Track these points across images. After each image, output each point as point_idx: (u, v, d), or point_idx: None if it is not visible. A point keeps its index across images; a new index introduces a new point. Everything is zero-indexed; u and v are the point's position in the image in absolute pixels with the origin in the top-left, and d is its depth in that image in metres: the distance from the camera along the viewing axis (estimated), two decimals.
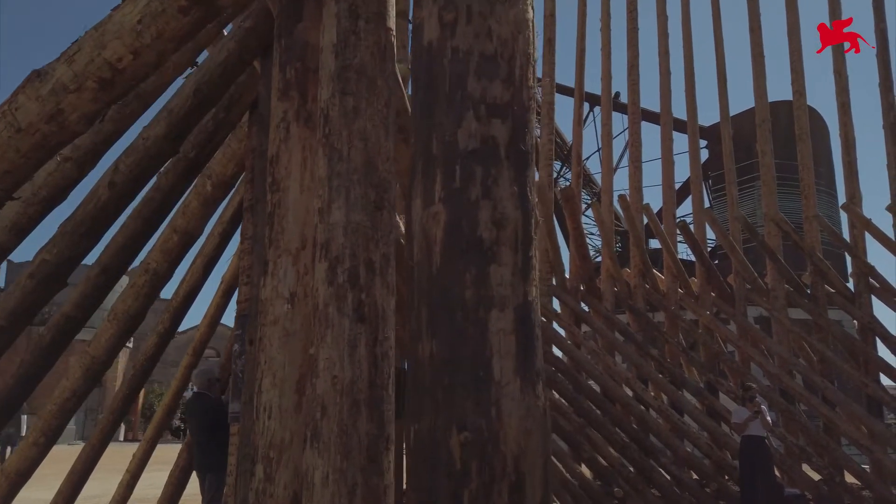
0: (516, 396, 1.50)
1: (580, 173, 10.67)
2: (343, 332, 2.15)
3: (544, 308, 9.46)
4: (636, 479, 7.71)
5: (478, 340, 1.51)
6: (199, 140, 4.12)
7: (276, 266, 2.74)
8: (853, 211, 10.18)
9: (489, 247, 1.58)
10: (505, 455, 1.48)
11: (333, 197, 2.32)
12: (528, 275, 1.60)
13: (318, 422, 2.18)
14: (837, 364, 9.70)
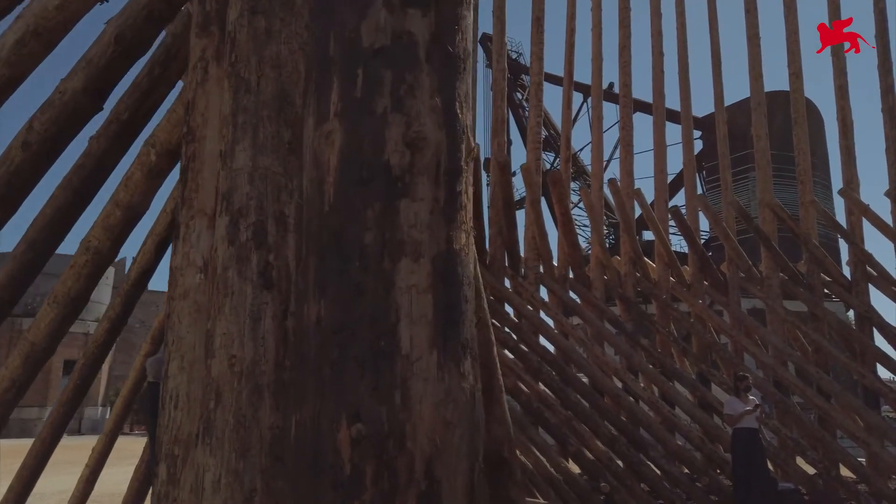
0: (431, 375, 1.08)
1: (569, 157, 10.22)
2: (244, 301, 1.69)
3: (532, 297, 9.03)
4: (624, 474, 7.30)
5: (380, 300, 1.09)
6: (132, 99, 3.65)
7: (189, 230, 2.28)
8: (851, 196, 9.77)
9: (400, 175, 1.15)
10: (413, 455, 1.05)
11: (238, 137, 1.87)
12: (455, 216, 1.18)
13: (212, 412, 1.73)
14: (833, 354, 9.31)
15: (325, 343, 1.13)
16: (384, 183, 1.17)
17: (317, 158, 1.21)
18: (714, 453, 8.05)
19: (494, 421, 3.38)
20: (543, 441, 7.01)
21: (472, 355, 1.17)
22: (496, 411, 3.34)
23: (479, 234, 8.92)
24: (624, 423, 8.04)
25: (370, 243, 1.14)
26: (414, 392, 1.11)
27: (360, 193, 1.17)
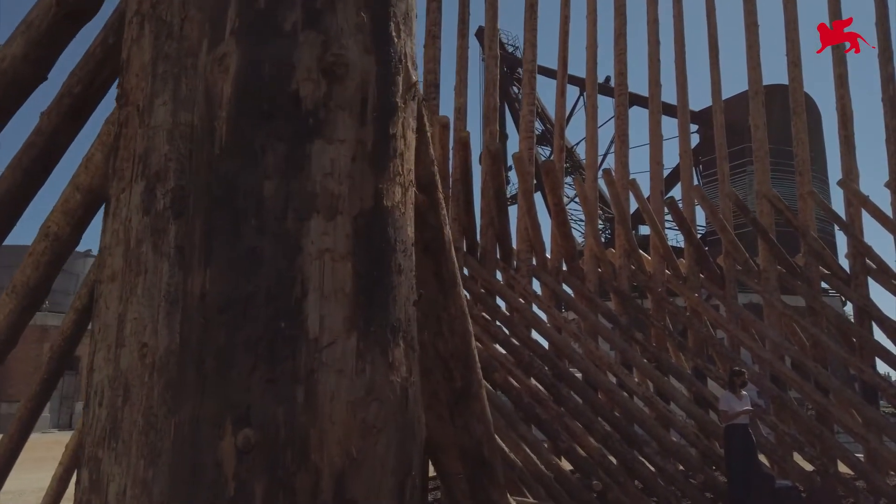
0: (347, 366, 0.82)
1: (563, 147, 9.93)
2: (159, 280, 1.41)
3: (524, 290, 8.77)
4: (618, 471, 7.05)
5: (281, 269, 0.83)
6: (85, 71, 3.35)
7: (119, 203, 1.99)
8: (850, 187, 9.51)
9: (312, 110, 0.88)
10: (319, 470, 0.79)
11: (157, 89, 1.58)
12: (386, 164, 0.92)
13: (119, 411, 1.44)
14: (832, 348, 9.07)
15: (210, 324, 0.87)
16: (291, 119, 0.90)
17: (208, 91, 0.95)
18: (710, 450, 7.81)
19: (474, 418, 3.11)
20: (534, 438, 6.75)
21: (406, 341, 0.91)
22: (475, 408, 3.07)
23: (470, 226, 8.63)
24: (618, 419, 7.79)
25: (270, 196, 0.87)
26: (323, 387, 0.84)
27: (259, 132, 0.89)
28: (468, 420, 3.09)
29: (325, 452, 0.82)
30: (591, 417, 7.52)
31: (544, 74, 21.06)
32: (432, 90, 8.41)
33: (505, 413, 6.63)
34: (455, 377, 2.92)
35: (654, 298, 9.56)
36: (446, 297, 2.72)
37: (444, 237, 2.60)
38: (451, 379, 2.94)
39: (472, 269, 8.60)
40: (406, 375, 0.91)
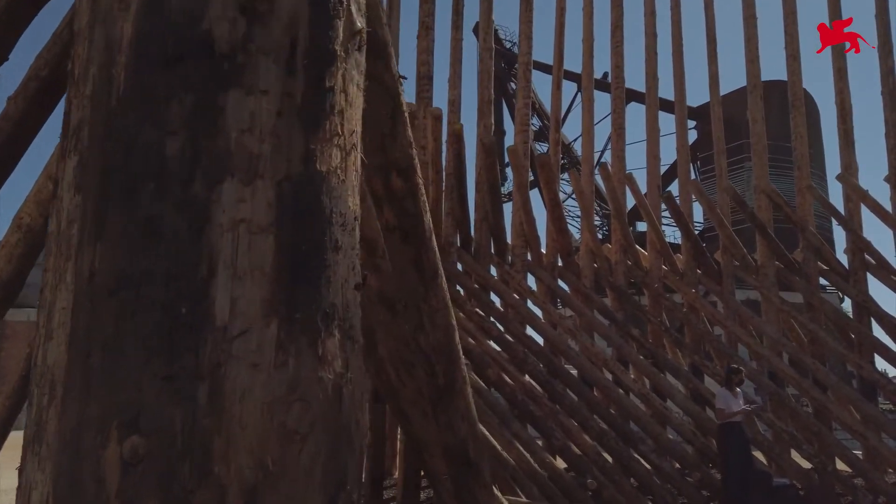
0: (264, 359, 0.67)
1: (558, 141, 9.77)
2: None
3: (519, 286, 8.62)
4: (613, 469, 6.91)
5: (184, 242, 0.68)
6: (52, 54, 3.19)
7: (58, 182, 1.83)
8: (849, 181, 9.35)
9: (228, 54, 0.73)
10: (223, 487, 0.64)
11: (92, 55, 1.42)
12: (320, 122, 0.77)
13: (44, 411, 1.28)
14: (830, 345, 8.94)
15: (97, 310, 0.71)
16: (202, 65, 0.74)
17: (108, 34, 0.80)
18: (707, 447, 7.67)
19: (458, 416, 2.96)
20: (528, 436, 6.61)
21: (343, 330, 0.76)
22: (459, 405, 2.92)
23: (464, 220, 8.48)
24: (613, 417, 7.65)
25: (174, 155, 0.72)
26: (231, 385, 0.68)
27: (162, 80, 0.74)
28: (452, 418, 2.94)
29: (233, 464, 0.67)
30: (587, 415, 7.38)
31: (541, 70, 20.89)
32: (425, 82, 8.24)
33: (498, 410, 6.49)
34: (438, 373, 2.77)
35: (650, 294, 9.42)
36: (427, 288, 2.56)
37: (424, 225, 2.44)
38: (433, 375, 2.78)
39: (466, 264, 8.45)
40: (341, 371, 0.76)
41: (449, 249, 8.32)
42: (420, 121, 7.90)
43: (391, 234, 2.43)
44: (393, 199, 2.31)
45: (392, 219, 2.38)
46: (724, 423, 6.31)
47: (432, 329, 2.63)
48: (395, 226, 2.40)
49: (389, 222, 2.39)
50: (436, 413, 2.87)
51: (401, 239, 2.42)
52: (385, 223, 2.40)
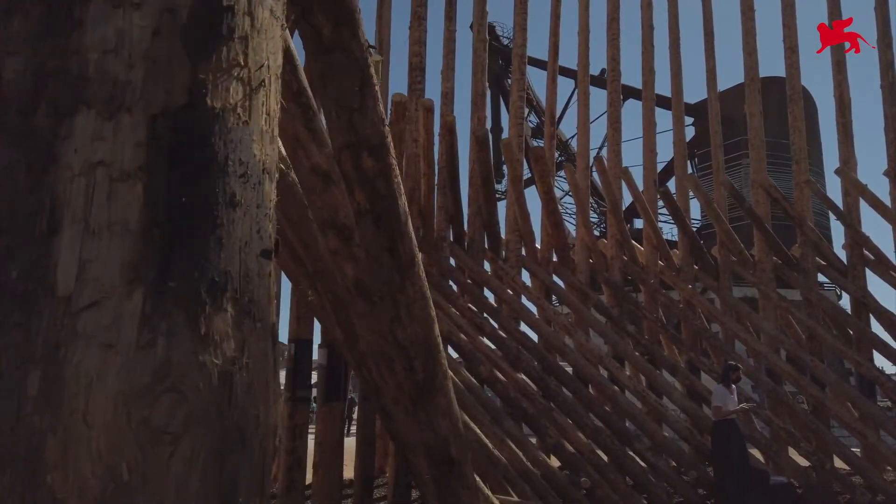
0: (123, 338, 0.51)
1: (553, 134, 9.60)
2: None
3: (513, 282, 8.46)
4: (607, 468, 6.76)
5: (20, 187, 0.52)
6: None
7: None
8: (848, 176, 9.19)
9: None
10: (61, 500, 0.49)
11: None
12: (212, 46, 0.60)
13: None
14: (828, 341, 8.78)
15: None
16: None
17: None
18: (703, 445, 7.51)
19: (438, 414, 2.80)
20: (521, 434, 6.45)
21: (240, 306, 0.60)
22: (440, 402, 2.75)
23: (457, 214, 8.31)
24: (608, 414, 7.50)
25: (14, 78, 0.56)
26: (74, 371, 0.52)
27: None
28: (432, 416, 2.77)
29: (73, 472, 0.50)
30: (581, 412, 7.22)
31: (537, 66, 20.69)
32: (417, 74, 8.06)
33: (490, 408, 6.33)
34: (416, 368, 2.60)
35: (646, 290, 9.26)
36: (403, 277, 2.39)
37: (399, 208, 2.27)
38: (411, 370, 2.62)
39: (458, 259, 8.28)
40: (233, 355, 0.60)
41: (441, 245, 8.16)
42: (412, 113, 7.73)
43: (363, 218, 2.26)
44: (364, 181, 2.14)
45: (364, 202, 2.21)
46: (719, 420, 6.17)
47: (409, 321, 2.46)
48: (367, 209, 2.23)
49: (361, 205, 2.22)
50: (415, 410, 2.70)
51: (374, 223, 2.25)
52: (357, 207, 2.23)
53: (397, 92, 6.90)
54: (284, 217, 2.80)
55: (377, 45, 7.84)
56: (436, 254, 8.05)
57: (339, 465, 6.48)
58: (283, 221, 2.82)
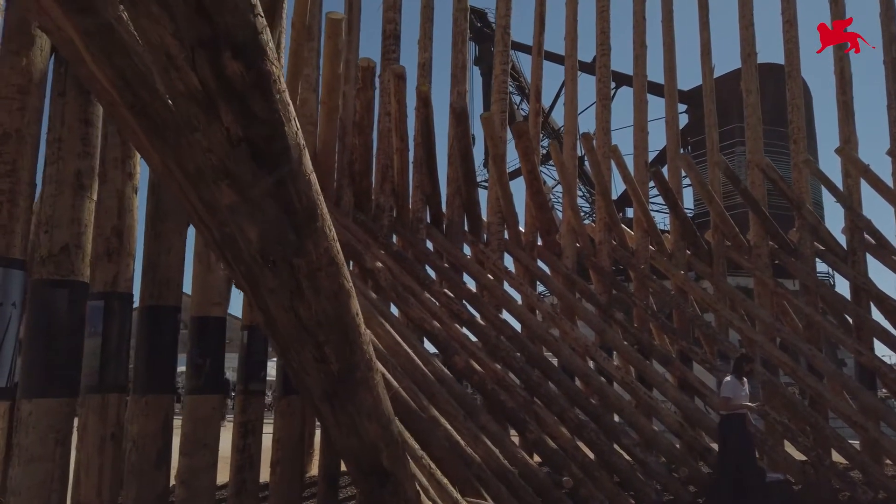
0: None
1: (539, 110, 8.97)
2: None
3: (494, 266, 7.85)
4: (592, 465, 6.21)
5: None
6: None
7: None
8: (849, 155, 8.62)
9: None
10: None
11: None
12: None
13: None
14: (828, 330, 8.25)
15: None
16: None
17: None
18: (695, 441, 6.98)
19: (363, 416, 2.20)
20: (497, 429, 5.87)
21: None
22: (364, 401, 2.15)
23: (434, 194, 7.68)
24: (594, 407, 6.94)
25: None
26: None
27: None
28: (354, 417, 2.17)
29: None
30: (565, 405, 6.66)
31: (526, 52, 19.97)
32: (391, 42, 7.41)
33: (465, 402, 5.74)
34: (328, 357, 1.99)
35: (636, 276, 8.69)
36: (300, 237, 1.77)
37: (288, 139, 1.65)
38: (322, 360, 2.01)
39: (436, 242, 7.67)
40: None
41: (417, 226, 7.54)
42: (385, 84, 7.10)
43: (237, 150, 1.63)
44: (230, 95, 1.51)
45: (234, 126, 1.58)
46: (729, 414, 5.70)
47: (314, 295, 1.85)
48: (240, 137, 1.60)
49: (231, 132, 1.59)
50: (334, 410, 2.08)
51: (252, 159, 1.63)
52: (226, 134, 1.60)
53: (364, 57, 6.26)
54: (179, 169, 2.17)
55: (346, 7, 7.17)
56: (411, 236, 7.44)
57: (299, 463, 5.89)
58: (179, 174, 2.19)
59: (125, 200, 4.08)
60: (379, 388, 2.15)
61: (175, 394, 4.75)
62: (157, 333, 4.31)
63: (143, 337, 4.29)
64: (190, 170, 2.17)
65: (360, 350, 2.03)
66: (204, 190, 2.24)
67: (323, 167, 6.50)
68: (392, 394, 4.76)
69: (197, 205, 2.28)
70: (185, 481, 4.57)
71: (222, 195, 1.98)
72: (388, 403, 2.24)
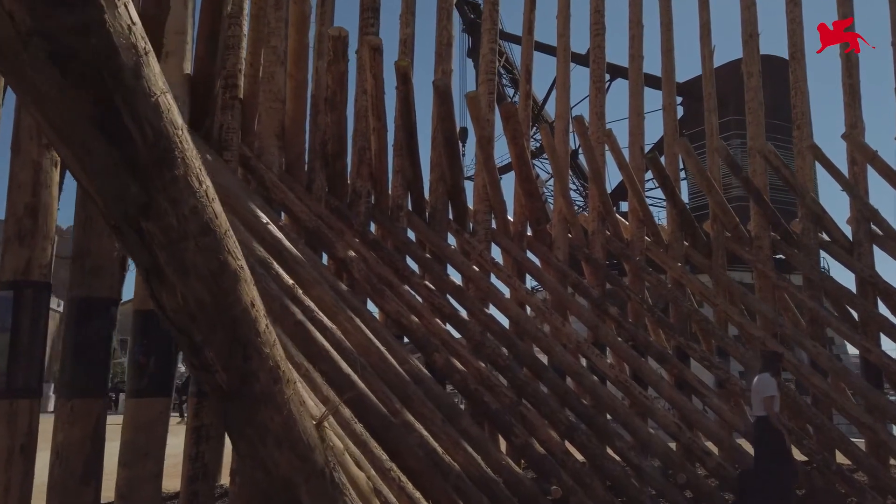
0: None
1: (529, 93, 8.40)
2: None
3: (481, 258, 7.28)
4: (583, 471, 5.68)
5: None
6: None
7: None
8: (856, 141, 8.09)
9: None
10: None
11: None
12: None
13: None
14: (834, 325, 7.74)
15: None
16: None
17: None
18: (693, 443, 6.47)
19: (268, 442, 1.63)
20: (480, 433, 5.32)
21: None
22: (267, 423, 1.58)
23: (416, 180, 7.10)
24: (586, 408, 6.41)
25: None
26: None
27: None
28: (255, 444, 1.61)
29: None
30: (555, 407, 6.12)
31: (517, 42, 19.33)
32: (370, 15, 6.80)
33: (444, 404, 5.18)
34: (211, 363, 1.43)
35: (631, 268, 8.15)
36: (147, 189, 1.20)
37: (112, 35, 1.07)
38: (205, 367, 1.44)
39: (418, 231, 7.10)
40: None
41: (398, 214, 6.97)
42: (364, 59, 6.50)
43: (34, 56, 1.05)
44: None
45: (23, 15, 1.01)
46: (765, 416, 5.45)
47: (180, 277, 1.27)
48: (30, 29, 1.02)
49: (19, 24, 1.02)
50: (230, 434, 1.50)
51: (53, 63, 1.05)
52: (13, 27, 1.02)
53: (336, 26, 5.66)
54: (46, 123, 1.57)
55: None
56: (391, 224, 6.86)
57: None
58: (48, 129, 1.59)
59: (42, 174, 3.47)
60: (292, 406, 1.58)
61: (108, 397, 4.14)
62: (87, 329, 3.72)
63: (70, 333, 3.70)
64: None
65: (259, 355, 1.46)
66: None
67: (292, 147, 5.91)
68: (352, 397, 4.20)
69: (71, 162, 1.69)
70: (123, 495, 4.00)
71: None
72: (309, 423, 1.67)
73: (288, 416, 1.57)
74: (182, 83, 4.64)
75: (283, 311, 3.85)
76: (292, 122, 5.66)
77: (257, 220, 4.52)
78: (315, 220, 5.58)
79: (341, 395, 4.00)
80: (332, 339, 4.28)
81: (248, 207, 4.51)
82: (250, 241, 4.14)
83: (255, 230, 4.50)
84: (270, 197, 5.43)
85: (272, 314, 4.02)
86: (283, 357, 1.56)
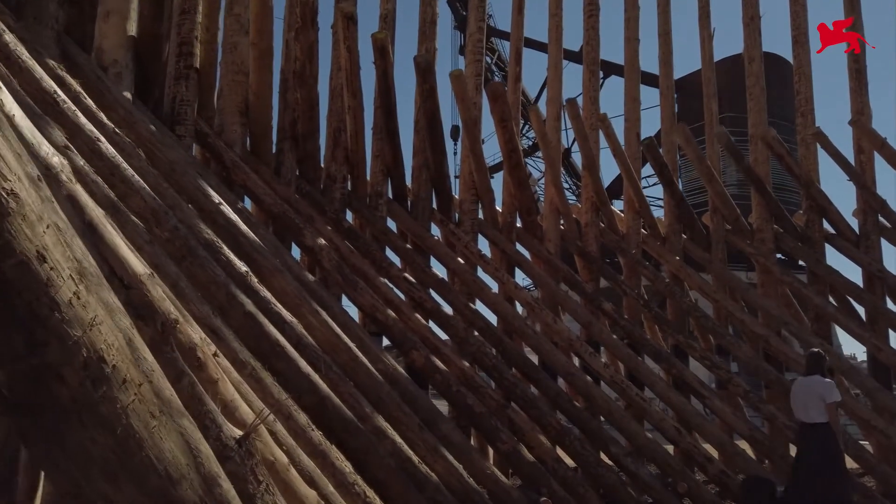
0: None
1: (518, 76, 7.90)
2: None
3: (467, 250, 6.76)
4: (575, 480, 5.17)
5: None
6: None
7: None
8: (863, 128, 7.63)
9: None
10: None
11: None
12: None
13: None
14: (840, 322, 7.28)
15: None
16: None
17: None
18: (693, 448, 5.98)
19: (93, 473, 1.10)
20: (462, 439, 4.80)
21: None
22: (94, 444, 1.05)
23: (397, 166, 6.57)
24: (578, 411, 5.90)
25: None
26: None
27: None
28: (76, 478, 1.06)
29: None
30: (545, 409, 5.60)
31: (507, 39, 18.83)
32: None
33: (422, 408, 4.65)
34: None
35: (627, 262, 7.65)
36: None
37: None
38: None
39: (399, 220, 6.57)
40: None
41: (377, 202, 6.43)
42: (337, 31, 5.96)
43: None
44: None
45: None
46: (828, 423, 4.96)
47: None
48: None
49: None
50: (34, 465, 0.96)
51: None
52: None
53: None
54: None
55: None
56: (369, 213, 6.33)
57: None
58: None
59: None
60: (134, 420, 1.05)
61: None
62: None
63: None
64: None
65: (61, 341, 0.93)
66: None
67: (258, 126, 5.37)
68: (317, 401, 3.67)
69: None
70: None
71: None
72: (169, 445, 1.14)
73: (125, 437, 1.04)
74: (125, 45, 4.11)
75: (229, 301, 3.30)
76: (257, 97, 5.12)
77: (208, 199, 3.98)
78: (281, 205, 5.04)
79: (298, 399, 3.47)
80: (290, 335, 3.74)
81: (198, 185, 3.96)
82: (195, 222, 3.59)
83: (206, 211, 3.95)
84: (231, 178, 4.89)
85: (216, 304, 3.48)
86: (119, 346, 1.03)
